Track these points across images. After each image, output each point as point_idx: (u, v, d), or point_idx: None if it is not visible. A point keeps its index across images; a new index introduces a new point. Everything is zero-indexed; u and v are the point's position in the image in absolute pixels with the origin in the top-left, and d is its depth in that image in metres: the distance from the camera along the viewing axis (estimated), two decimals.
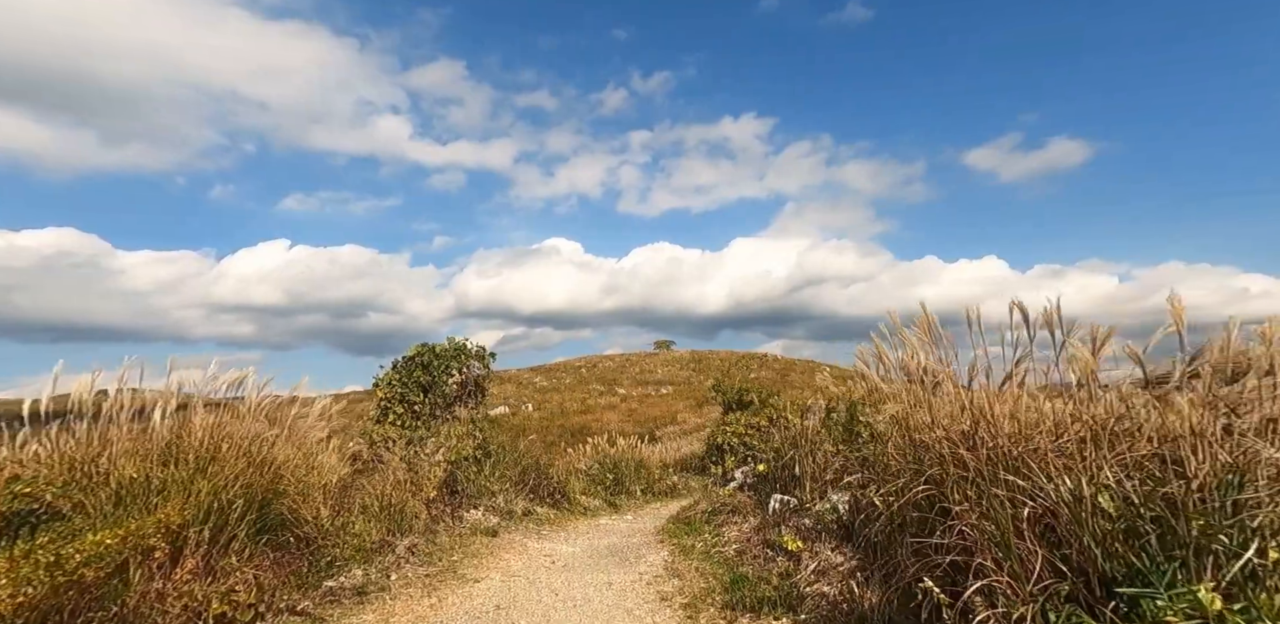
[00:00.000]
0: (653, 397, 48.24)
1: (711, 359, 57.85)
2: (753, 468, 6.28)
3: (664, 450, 17.34)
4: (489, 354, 7.68)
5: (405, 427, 6.99)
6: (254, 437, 4.21)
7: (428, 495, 6.32)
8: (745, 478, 6.27)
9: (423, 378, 7.18)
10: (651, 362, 59.46)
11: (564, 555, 5.53)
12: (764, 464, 5.88)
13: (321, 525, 4.80)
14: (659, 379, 54.42)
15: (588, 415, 40.80)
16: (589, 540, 6.26)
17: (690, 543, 5.30)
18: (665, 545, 5.51)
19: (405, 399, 7.07)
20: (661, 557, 5.09)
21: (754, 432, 7.10)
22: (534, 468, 8.73)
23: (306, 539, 4.54)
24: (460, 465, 6.84)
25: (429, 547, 5.49)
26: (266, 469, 4.10)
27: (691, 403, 46.17)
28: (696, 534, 5.54)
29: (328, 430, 5.45)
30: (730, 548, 4.78)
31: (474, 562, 5.25)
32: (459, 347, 7.46)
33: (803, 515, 4.60)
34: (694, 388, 50.60)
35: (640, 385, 52.07)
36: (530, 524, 7.04)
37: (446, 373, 7.28)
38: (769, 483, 5.77)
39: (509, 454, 8.32)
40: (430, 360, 7.21)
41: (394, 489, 5.88)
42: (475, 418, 7.82)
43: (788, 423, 5.95)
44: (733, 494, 6.11)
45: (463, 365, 7.38)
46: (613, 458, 13.54)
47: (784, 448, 5.52)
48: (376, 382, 7.14)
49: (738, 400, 25.88)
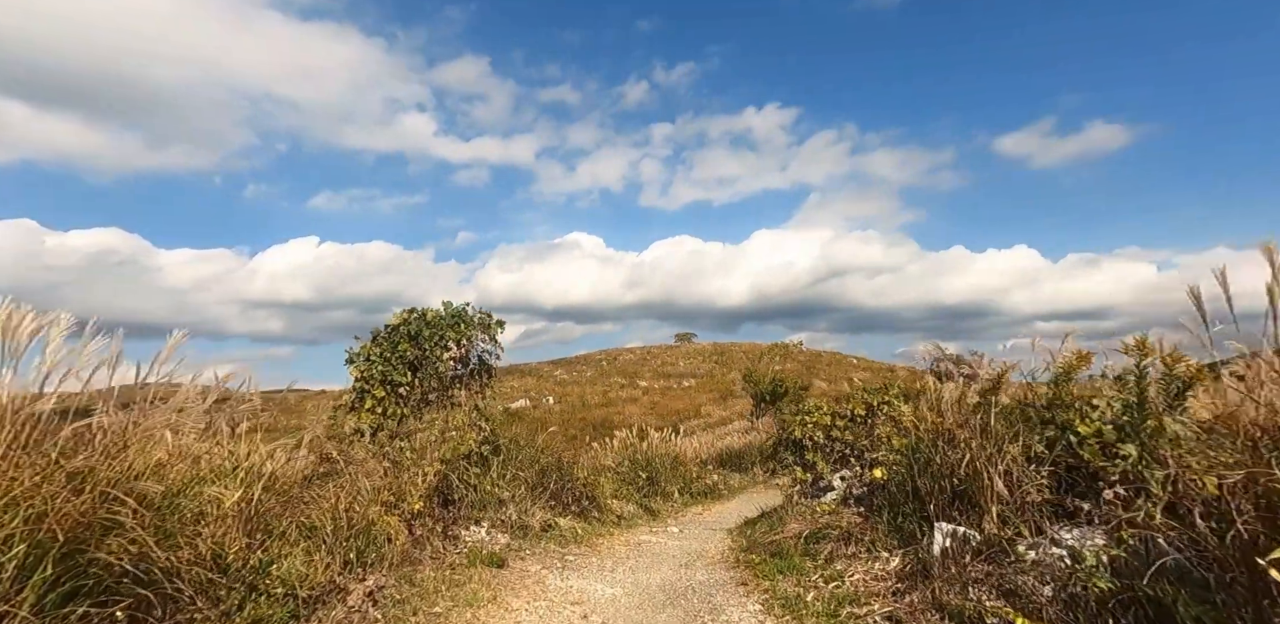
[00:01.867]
0: (675, 389, 46.48)
1: (734, 351, 55.73)
2: (860, 473, 4.37)
3: (698, 444, 15.43)
4: (496, 322, 5.87)
5: (388, 415, 5.21)
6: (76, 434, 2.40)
7: (411, 508, 4.51)
8: (850, 487, 4.34)
9: (410, 353, 5.39)
10: (673, 354, 57.52)
11: (601, 604, 3.67)
12: (881, 469, 3.95)
13: (226, 565, 3.00)
14: (681, 372, 52.65)
15: (609, 409, 39.21)
16: (633, 574, 4.39)
17: (793, 591, 3.39)
18: (752, 592, 3.61)
19: (388, 380, 5.29)
20: (753, 614, 3.21)
21: (847, 423, 5.20)
22: (555, 467, 6.90)
23: (201, 589, 2.74)
24: (457, 466, 5.04)
25: (403, 589, 3.66)
26: (92, 487, 2.29)
27: (715, 395, 44.32)
28: (797, 573, 3.63)
29: (249, 423, 3.66)
30: (872, 609, 2.86)
31: (467, 615, 3.42)
32: (457, 313, 5.67)
33: (1002, 564, 2.67)
34: (717, 381, 48.70)
35: (662, 378, 50.37)
36: (551, 544, 5.20)
37: (441, 346, 5.48)
38: (888, 496, 3.86)
39: (524, 450, 6.49)
40: (420, 330, 5.41)
41: (356, 502, 4.07)
42: (481, 405, 6.00)
43: (911, 411, 4.00)
44: (835, 510, 4.19)
45: (461, 337, 5.58)
46: (644, 454, 11.66)
47: (921, 447, 3.59)
48: (351, 357, 5.38)
49: (771, 392, 23.89)
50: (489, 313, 5.90)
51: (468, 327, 5.71)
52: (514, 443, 6.50)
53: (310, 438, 4.43)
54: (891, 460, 3.90)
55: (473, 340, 5.79)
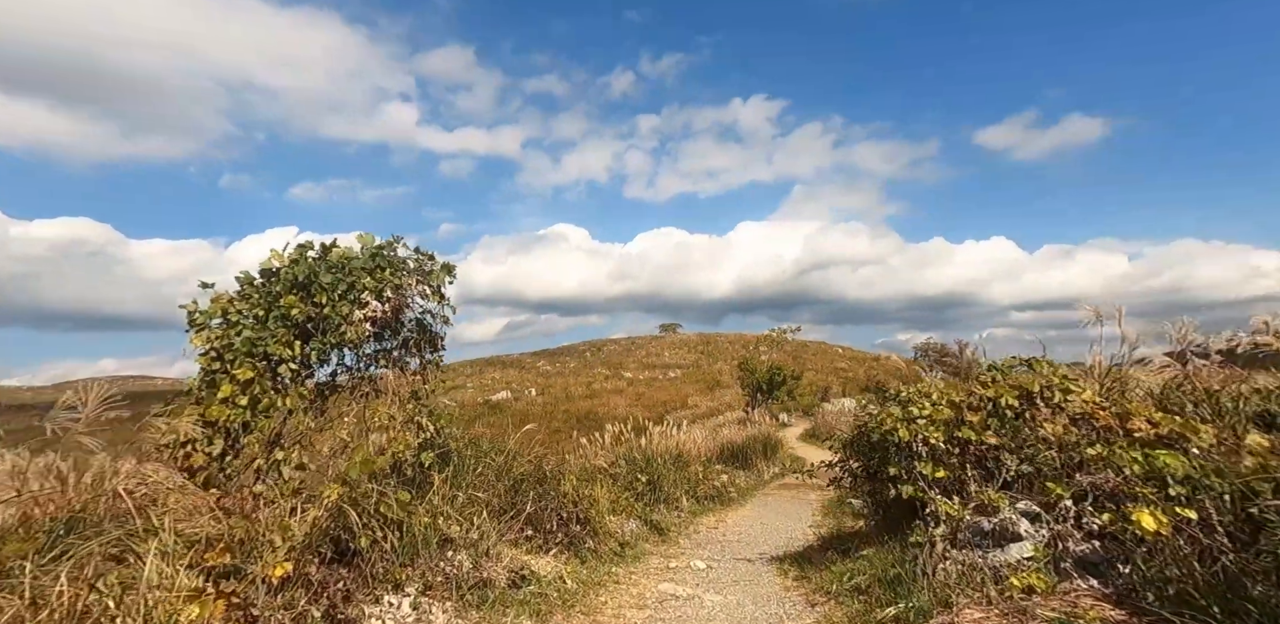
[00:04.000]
0: (661, 380, 44.70)
1: (720, 342, 53.99)
2: (1077, 516, 2.37)
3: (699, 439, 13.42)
4: (442, 267, 3.74)
5: (259, 410, 3.11)
6: None
7: (269, 576, 2.43)
8: (1058, 540, 2.32)
9: (299, 311, 3.26)
10: (658, 345, 55.58)
11: None
12: (1153, 514, 1.96)
13: None
14: (666, 362, 50.91)
15: (594, 400, 37.28)
16: None
17: None
18: None
19: (259, 354, 3.17)
20: None
21: (987, 418, 3.21)
22: (535, 480, 4.83)
23: None
24: (370, 492, 2.96)
25: None
26: None
27: (702, 386, 42.62)
28: None
29: None
30: None
31: None
32: (379, 252, 3.53)
33: None
34: (703, 371, 47.02)
35: (648, 369, 48.62)
36: (524, 619, 3.16)
37: (352, 301, 3.37)
38: (1184, 573, 1.88)
39: (487, 457, 4.41)
40: (313, 277, 3.27)
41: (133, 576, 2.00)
42: (423, 391, 3.91)
43: None
44: (1051, 587, 2.20)
45: (385, 287, 3.46)
46: (644, 452, 9.64)
47: None
48: (194, 318, 3.22)
49: (769, 381, 22.05)
50: (430, 253, 3.80)
51: (396, 272, 3.60)
52: (473, 447, 4.42)
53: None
54: (1178, 497, 1.91)
55: (405, 294, 3.68)
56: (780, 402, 21.61)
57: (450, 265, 3.85)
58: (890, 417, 3.73)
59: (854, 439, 4.42)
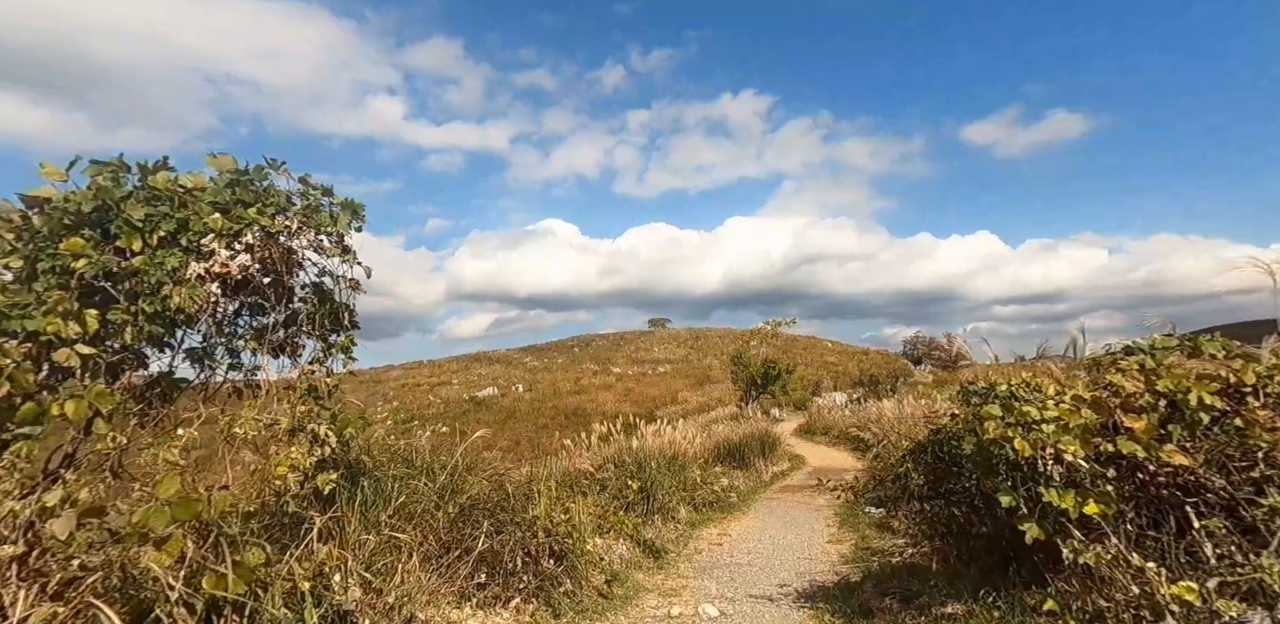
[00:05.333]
0: (650, 375, 43.56)
1: (709, 337, 52.86)
2: None
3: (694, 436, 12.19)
4: (344, 206, 2.49)
5: (20, 419, 1.86)
6: None
7: None
8: None
9: (90, 263, 1.99)
10: (647, 340, 54.33)
11: None
12: None
13: None
14: (656, 358, 49.80)
15: (582, 396, 36.07)
16: None
17: None
18: None
19: (18, 331, 1.92)
20: None
21: (1162, 425, 2.12)
22: (494, 504, 3.59)
23: None
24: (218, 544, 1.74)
25: None
26: None
27: (691, 381, 41.52)
28: None
29: None
30: None
31: None
32: (237, 180, 2.26)
33: None
34: (693, 366, 45.90)
35: (636, 364, 47.47)
36: None
37: (186, 250, 2.12)
38: None
39: (422, 475, 3.17)
40: (117, 210, 1.99)
41: None
42: (324, 384, 2.66)
43: None
44: None
45: (249, 228, 2.21)
46: (635, 454, 8.42)
47: None
48: None
49: (763, 376, 20.92)
50: (327, 186, 2.54)
51: (265, 209, 2.33)
52: (403, 465, 3.17)
53: None
54: None
55: (282, 241, 2.42)
56: (773, 397, 20.54)
57: (356, 204, 2.59)
58: (994, 421, 2.54)
59: (921, 448, 3.23)
